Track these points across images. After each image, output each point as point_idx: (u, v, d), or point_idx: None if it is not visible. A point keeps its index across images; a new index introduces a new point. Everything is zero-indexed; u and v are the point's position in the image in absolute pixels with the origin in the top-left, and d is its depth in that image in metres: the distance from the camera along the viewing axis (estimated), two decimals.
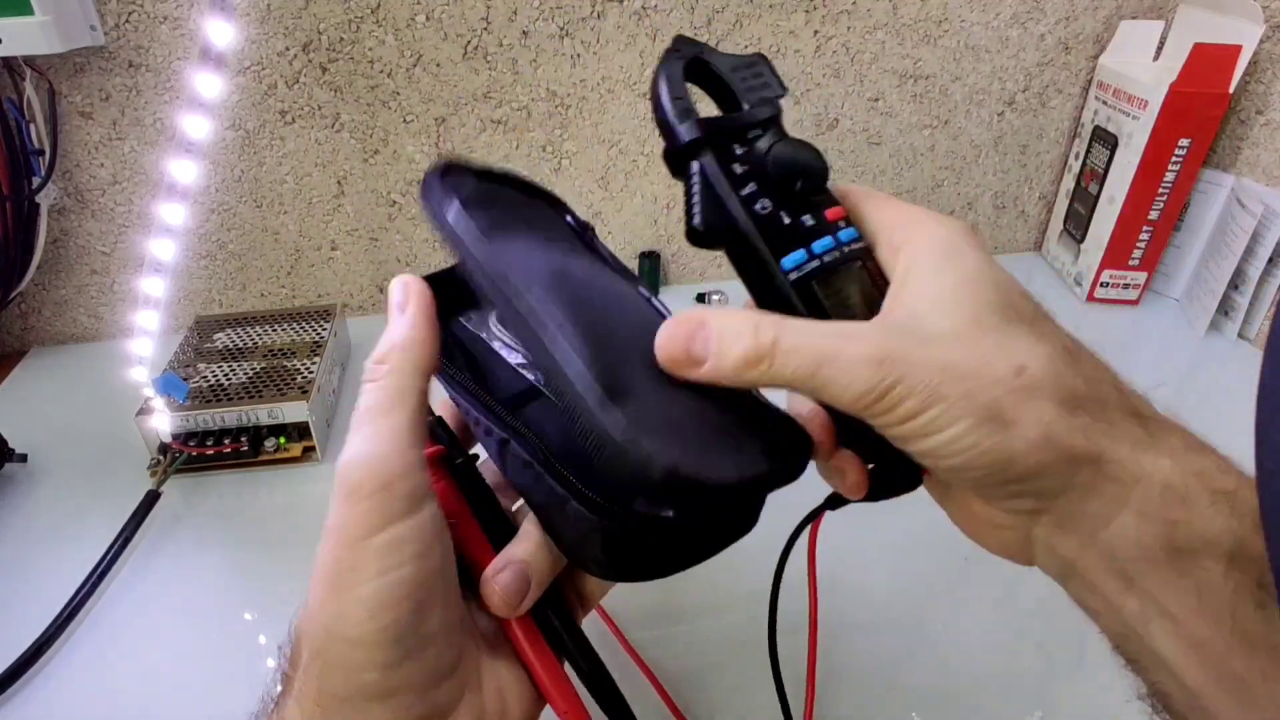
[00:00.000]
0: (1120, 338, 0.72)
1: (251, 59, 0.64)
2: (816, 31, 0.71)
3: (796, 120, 0.75)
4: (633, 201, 0.77)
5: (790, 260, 0.26)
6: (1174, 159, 0.69)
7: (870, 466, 0.28)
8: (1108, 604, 0.24)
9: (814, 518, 0.32)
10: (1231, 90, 0.65)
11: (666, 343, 0.24)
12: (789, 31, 0.71)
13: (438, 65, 0.67)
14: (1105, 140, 0.74)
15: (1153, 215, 0.72)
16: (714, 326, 0.24)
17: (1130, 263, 0.74)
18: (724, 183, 0.27)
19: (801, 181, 0.27)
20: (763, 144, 0.27)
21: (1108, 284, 0.76)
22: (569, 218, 0.33)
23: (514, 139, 0.71)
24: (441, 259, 0.76)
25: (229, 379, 0.57)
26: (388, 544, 0.23)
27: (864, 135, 0.78)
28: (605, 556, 0.26)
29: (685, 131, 0.27)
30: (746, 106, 0.28)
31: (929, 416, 0.22)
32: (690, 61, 0.28)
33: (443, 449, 0.30)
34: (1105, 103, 0.75)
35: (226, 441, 0.55)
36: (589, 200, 0.76)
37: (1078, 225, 0.79)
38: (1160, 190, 0.70)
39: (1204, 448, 0.24)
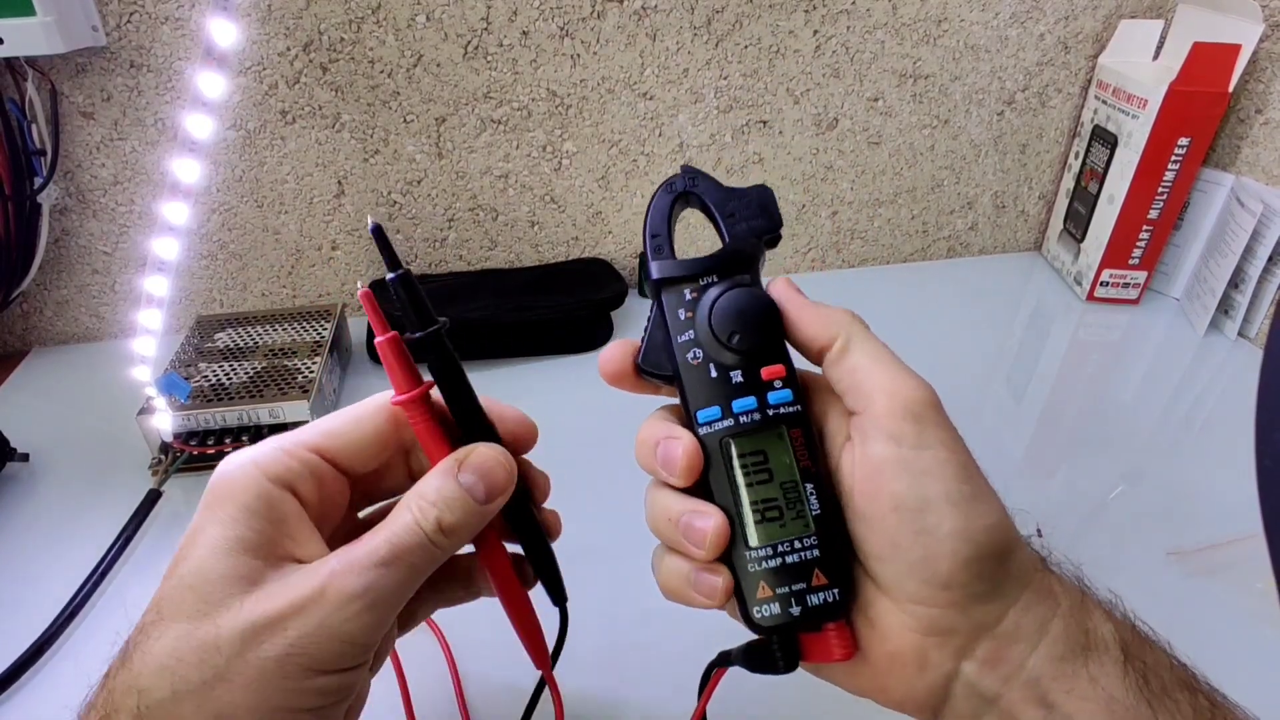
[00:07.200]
0: (1120, 337, 0.72)
1: (252, 59, 0.64)
2: (816, 31, 0.71)
3: (796, 120, 0.75)
4: (633, 201, 0.77)
5: (705, 414, 0.27)
6: (1174, 158, 0.69)
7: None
8: None
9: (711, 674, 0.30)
10: (1231, 89, 0.66)
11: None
12: (789, 31, 0.71)
13: (438, 65, 0.67)
14: (1105, 139, 0.74)
15: (1153, 214, 0.72)
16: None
17: (1130, 262, 0.75)
18: (667, 327, 0.28)
19: (738, 336, 0.26)
20: (712, 293, 0.27)
21: (1108, 283, 0.76)
22: None
23: (514, 139, 0.71)
24: (439, 259, 0.76)
25: (230, 378, 0.57)
26: (325, 689, 0.24)
27: (864, 135, 0.78)
28: None
29: (654, 270, 0.28)
30: (727, 242, 0.28)
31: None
32: (679, 196, 0.29)
33: (423, 388, 0.28)
34: (1105, 102, 0.75)
35: (228, 441, 0.55)
36: (589, 200, 0.76)
37: (1078, 224, 0.79)
38: (1160, 189, 0.70)
39: (1072, 581, 0.27)
